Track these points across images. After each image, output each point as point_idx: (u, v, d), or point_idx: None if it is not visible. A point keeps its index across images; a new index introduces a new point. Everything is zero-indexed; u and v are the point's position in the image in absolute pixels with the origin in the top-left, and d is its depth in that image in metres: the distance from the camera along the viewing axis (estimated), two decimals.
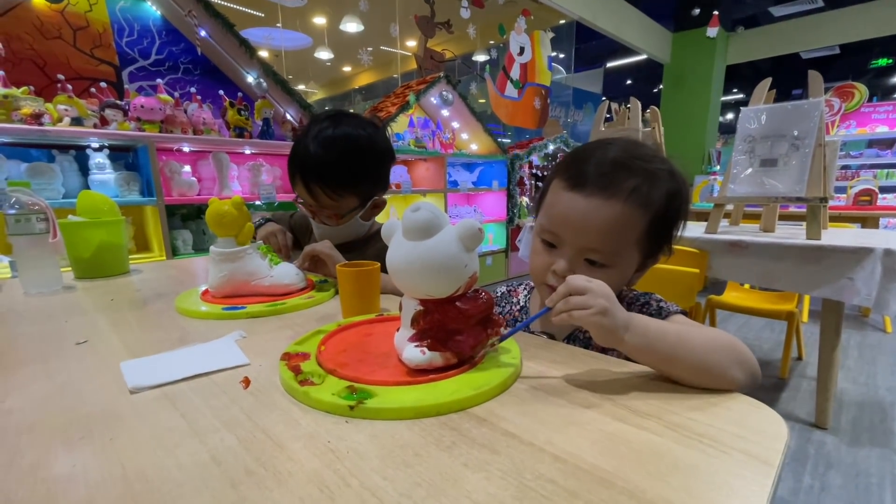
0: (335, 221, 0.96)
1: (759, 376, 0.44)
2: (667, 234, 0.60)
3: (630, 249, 0.58)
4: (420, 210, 0.44)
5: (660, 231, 0.58)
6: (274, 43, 4.42)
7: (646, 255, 0.60)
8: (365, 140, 0.92)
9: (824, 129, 1.47)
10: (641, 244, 0.58)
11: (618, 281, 0.58)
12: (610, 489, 0.29)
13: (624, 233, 0.56)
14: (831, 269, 1.38)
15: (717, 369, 0.42)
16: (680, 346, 0.43)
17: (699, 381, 0.42)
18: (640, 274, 0.63)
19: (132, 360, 0.51)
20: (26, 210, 0.85)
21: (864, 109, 5.45)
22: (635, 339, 0.43)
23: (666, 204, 0.57)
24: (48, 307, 0.77)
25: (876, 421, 1.65)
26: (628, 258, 0.58)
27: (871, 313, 2.91)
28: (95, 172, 2.01)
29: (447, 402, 0.39)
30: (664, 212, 0.57)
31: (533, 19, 4.46)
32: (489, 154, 3.91)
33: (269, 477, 0.30)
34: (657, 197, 0.56)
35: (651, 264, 0.63)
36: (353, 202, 0.94)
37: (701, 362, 0.42)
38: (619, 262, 0.57)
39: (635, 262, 0.59)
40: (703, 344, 0.43)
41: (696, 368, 0.42)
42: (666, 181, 0.57)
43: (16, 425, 0.38)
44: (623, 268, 0.58)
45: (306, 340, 0.53)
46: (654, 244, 0.59)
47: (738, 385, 0.42)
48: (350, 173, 0.91)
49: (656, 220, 0.57)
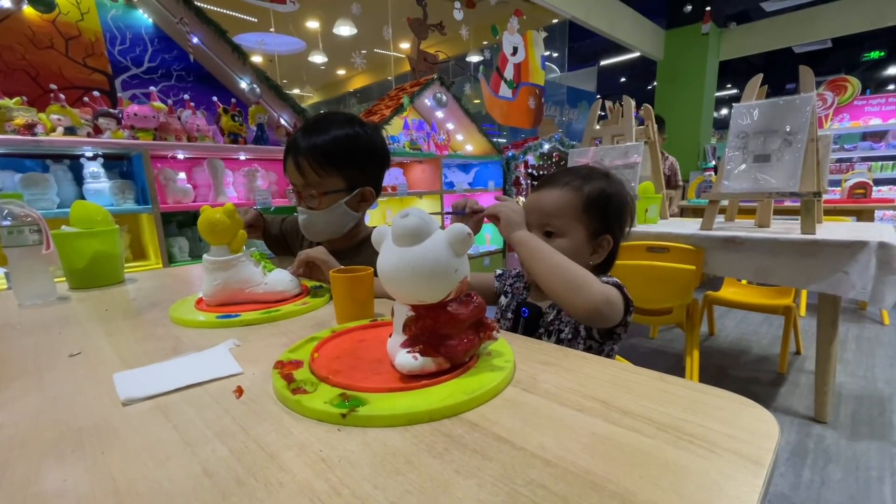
0: (319, 201, 0.94)
1: (602, 311, 0.65)
2: (604, 219, 0.78)
3: (573, 222, 0.77)
4: (409, 216, 0.44)
5: (595, 212, 0.78)
6: (267, 48, 4.41)
7: (589, 231, 0.78)
8: (357, 127, 0.96)
9: (816, 124, 1.48)
10: (582, 219, 0.78)
11: (570, 247, 0.76)
12: (600, 493, 0.29)
13: (565, 208, 0.78)
14: (826, 264, 1.38)
15: (581, 288, 0.64)
16: (555, 261, 0.68)
17: (564, 294, 0.65)
18: (597, 255, 0.80)
19: (125, 372, 0.51)
20: (19, 222, 0.85)
21: (857, 102, 5.48)
22: (523, 237, 0.73)
23: (597, 194, 0.78)
24: (42, 318, 0.77)
25: (875, 414, 1.66)
26: (573, 230, 0.78)
27: (869, 306, 2.92)
28: (90, 181, 2.00)
29: (439, 408, 0.39)
30: (596, 198, 0.78)
31: (525, 19, 4.46)
32: (484, 155, 3.91)
33: (259, 488, 0.30)
34: (589, 188, 0.78)
35: (605, 248, 0.80)
36: (339, 183, 0.94)
37: (568, 279, 0.65)
38: (567, 232, 0.78)
39: (582, 235, 0.78)
40: (575, 269, 0.66)
41: (564, 282, 0.65)
42: (598, 181, 0.79)
43: (8, 440, 0.38)
44: (572, 237, 0.77)
45: (300, 348, 0.53)
46: (593, 223, 0.78)
47: (593, 305, 0.63)
48: (337, 149, 0.93)
49: (590, 203, 0.77)
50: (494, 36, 4.30)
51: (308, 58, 4.99)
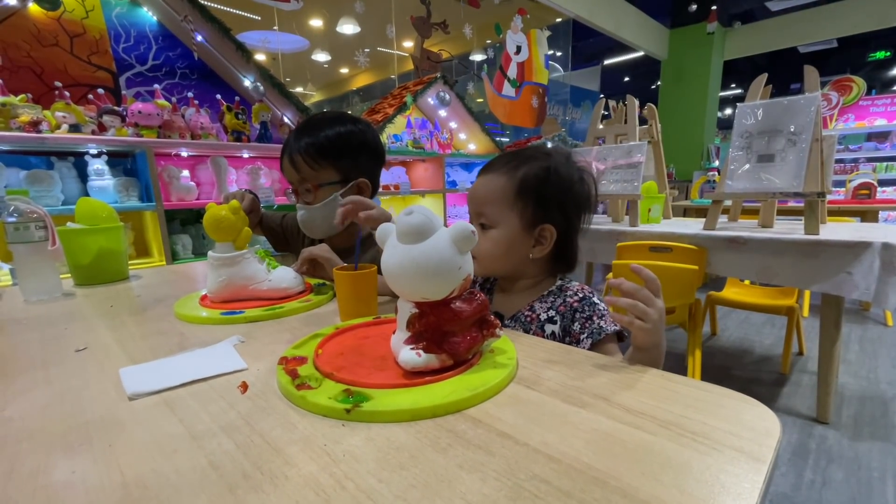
0: (315, 195, 0.96)
1: None
2: (542, 205, 0.69)
3: (504, 210, 0.69)
4: (413, 213, 0.44)
5: (530, 197, 0.69)
6: (270, 46, 4.41)
7: (524, 220, 0.70)
8: (349, 123, 0.99)
9: (821, 124, 1.47)
10: (515, 207, 0.69)
11: (502, 239, 0.69)
12: (603, 488, 0.29)
13: (494, 195, 0.70)
14: (830, 264, 1.38)
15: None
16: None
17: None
18: (540, 248, 0.71)
19: (131, 367, 0.51)
20: (25, 218, 0.86)
21: (862, 103, 5.45)
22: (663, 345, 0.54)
23: (532, 177, 0.69)
24: (48, 314, 0.78)
25: (877, 415, 1.65)
26: (505, 219, 0.70)
27: (872, 307, 2.91)
28: (94, 179, 2.02)
29: (443, 403, 0.39)
30: (531, 181, 0.69)
31: (529, 18, 4.46)
32: (487, 153, 3.91)
33: (265, 481, 0.31)
34: (524, 171, 0.69)
35: (548, 239, 0.71)
36: (333, 175, 0.96)
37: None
38: (499, 223, 0.70)
39: (515, 224, 0.70)
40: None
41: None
42: (537, 161, 0.70)
43: (16, 433, 0.39)
44: (505, 228, 0.70)
45: (304, 344, 0.53)
46: (528, 210, 0.69)
47: None
48: (329, 143, 0.95)
49: (523, 187, 0.69)
50: (498, 34, 4.30)
51: (311, 56, 5.00)
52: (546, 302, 0.71)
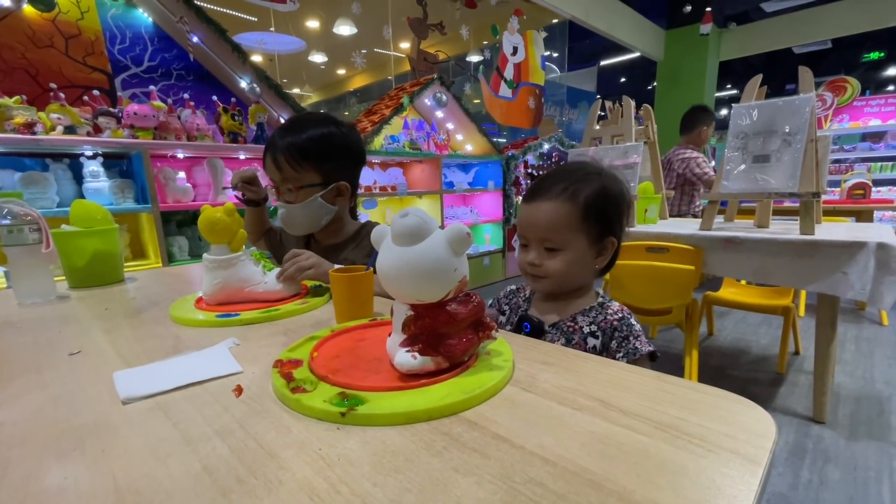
0: (296, 195, 0.98)
1: None
2: (605, 222, 0.74)
3: (573, 233, 0.72)
4: (409, 215, 0.44)
5: (595, 218, 0.73)
6: (267, 47, 4.41)
7: (591, 238, 0.73)
8: (333, 125, 1.00)
9: (815, 125, 1.48)
10: (583, 229, 0.73)
11: (573, 259, 0.73)
12: (598, 491, 0.29)
13: (562, 221, 0.72)
14: (825, 264, 1.39)
15: None
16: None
17: None
18: (602, 258, 0.76)
19: (125, 370, 0.51)
20: (19, 221, 0.85)
21: (856, 103, 5.48)
22: None
23: (594, 199, 0.72)
24: (42, 317, 0.77)
25: (873, 414, 1.66)
26: (575, 241, 0.73)
27: (868, 306, 2.92)
28: (90, 180, 2.01)
29: (438, 406, 0.39)
30: (593, 203, 0.72)
31: (525, 19, 4.47)
32: (484, 154, 3.92)
33: (259, 486, 0.30)
34: (585, 195, 0.72)
35: (609, 249, 0.76)
36: (315, 177, 0.98)
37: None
38: (568, 245, 0.73)
39: (583, 244, 0.73)
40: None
41: None
42: (593, 183, 0.73)
43: (8, 438, 0.38)
44: (574, 249, 0.73)
45: (299, 347, 0.53)
46: (594, 229, 0.73)
47: None
48: (313, 145, 0.96)
49: (589, 210, 0.72)
50: (494, 36, 4.30)
51: (308, 57, 5.00)
52: (588, 316, 0.75)
